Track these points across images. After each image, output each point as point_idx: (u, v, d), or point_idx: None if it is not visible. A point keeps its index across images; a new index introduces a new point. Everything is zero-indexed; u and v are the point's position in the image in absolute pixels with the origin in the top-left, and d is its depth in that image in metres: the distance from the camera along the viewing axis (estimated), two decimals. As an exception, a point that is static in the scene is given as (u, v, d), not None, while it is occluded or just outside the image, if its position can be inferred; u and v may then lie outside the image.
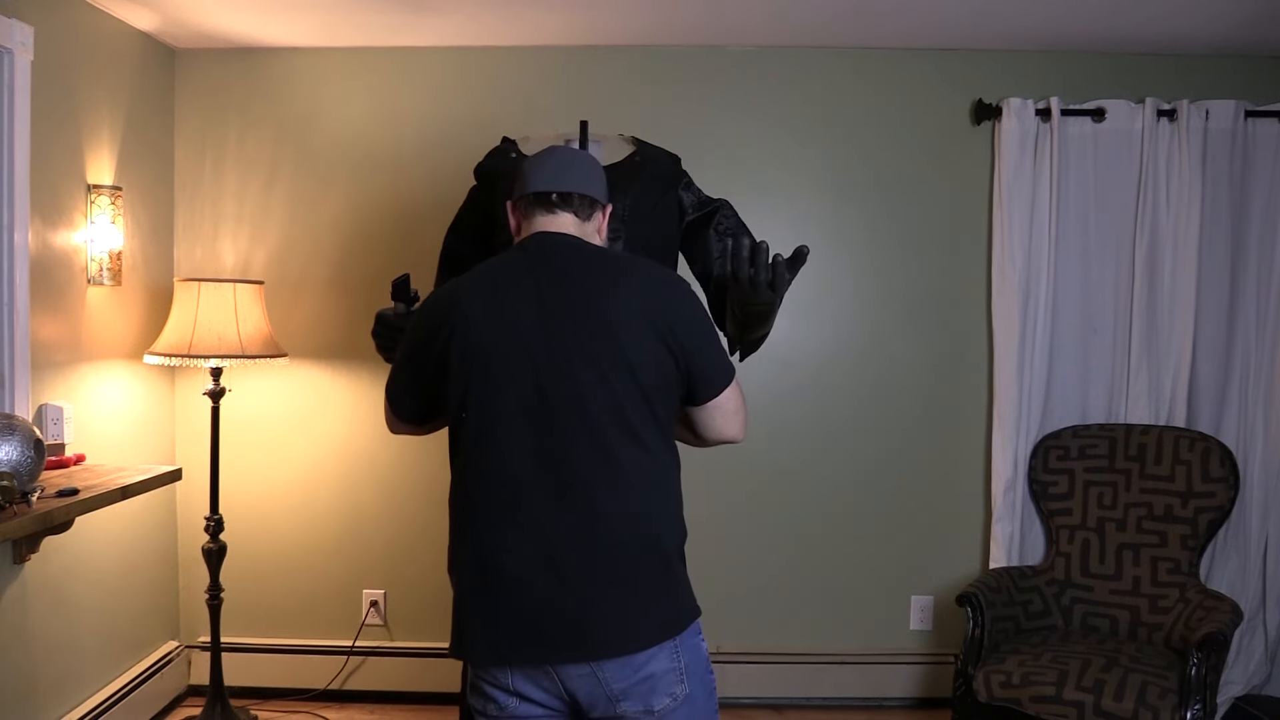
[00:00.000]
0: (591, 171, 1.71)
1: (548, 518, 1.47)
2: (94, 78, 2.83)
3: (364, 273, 3.28)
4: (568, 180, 1.67)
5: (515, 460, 1.50)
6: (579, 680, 1.48)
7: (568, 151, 1.73)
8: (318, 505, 3.35)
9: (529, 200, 1.67)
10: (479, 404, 1.52)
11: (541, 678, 1.50)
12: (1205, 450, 2.99)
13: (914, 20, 2.97)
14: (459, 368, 1.53)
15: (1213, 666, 2.52)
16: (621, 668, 1.46)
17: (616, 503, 1.48)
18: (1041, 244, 3.16)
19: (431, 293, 1.68)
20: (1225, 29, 2.97)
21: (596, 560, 1.47)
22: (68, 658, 2.75)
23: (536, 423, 1.49)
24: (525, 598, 1.47)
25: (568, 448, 1.48)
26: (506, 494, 1.50)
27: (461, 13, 2.92)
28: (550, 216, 1.66)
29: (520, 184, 1.69)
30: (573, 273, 1.56)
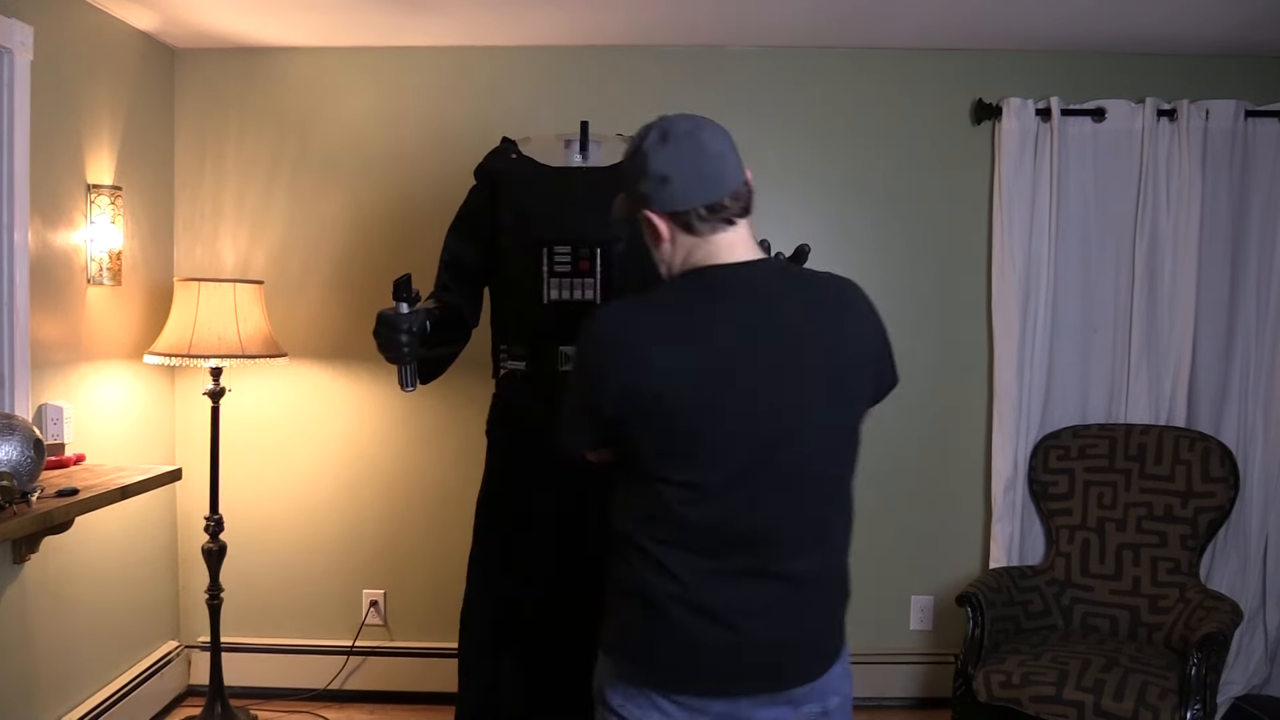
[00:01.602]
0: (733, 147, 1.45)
1: (779, 565, 1.44)
2: (94, 78, 2.83)
3: (364, 272, 3.28)
4: (726, 176, 1.43)
5: (727, 515, 1.41)
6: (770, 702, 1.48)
7: (700, 129, 1.43)
8: (318, 505, 3.35)
9: (700, 215, 1.41)
10: (699, 466, 1.39)
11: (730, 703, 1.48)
12: (1205, 450, 2.99)
13: (914, 20, 2.97)
14: (666, 435, 1.39)
15: (1213, 666, 2.52)
16: (809, 686, 1.49)
17: (835, 550, 1.52)
18: (1041, 244, 3.16)
19: (600, 336, 1.43)
20: (1225, 29, 2.97)
21: (817, 600, 1.49)
22: (68, 658, 2.75)
23: (759, 476, 1.40)
24: (756, 633, 1.44)
25: (792, 506, 1.43)
26: (736, 542, 1.42)
27: (462, 12, 2.92)
28: (730, 232, 1.44)
29: (669, 187, 1.41)
30: (795, 314, 1.41)
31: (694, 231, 1.43)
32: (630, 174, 1.46)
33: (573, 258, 2.17)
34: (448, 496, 3.27)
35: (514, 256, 2.20)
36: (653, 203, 1.43)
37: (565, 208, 2.19)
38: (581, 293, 2.17)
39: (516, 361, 2.22)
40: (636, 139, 1.46)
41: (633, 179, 1.46)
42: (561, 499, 2.26)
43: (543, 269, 2.17)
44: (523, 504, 2.26)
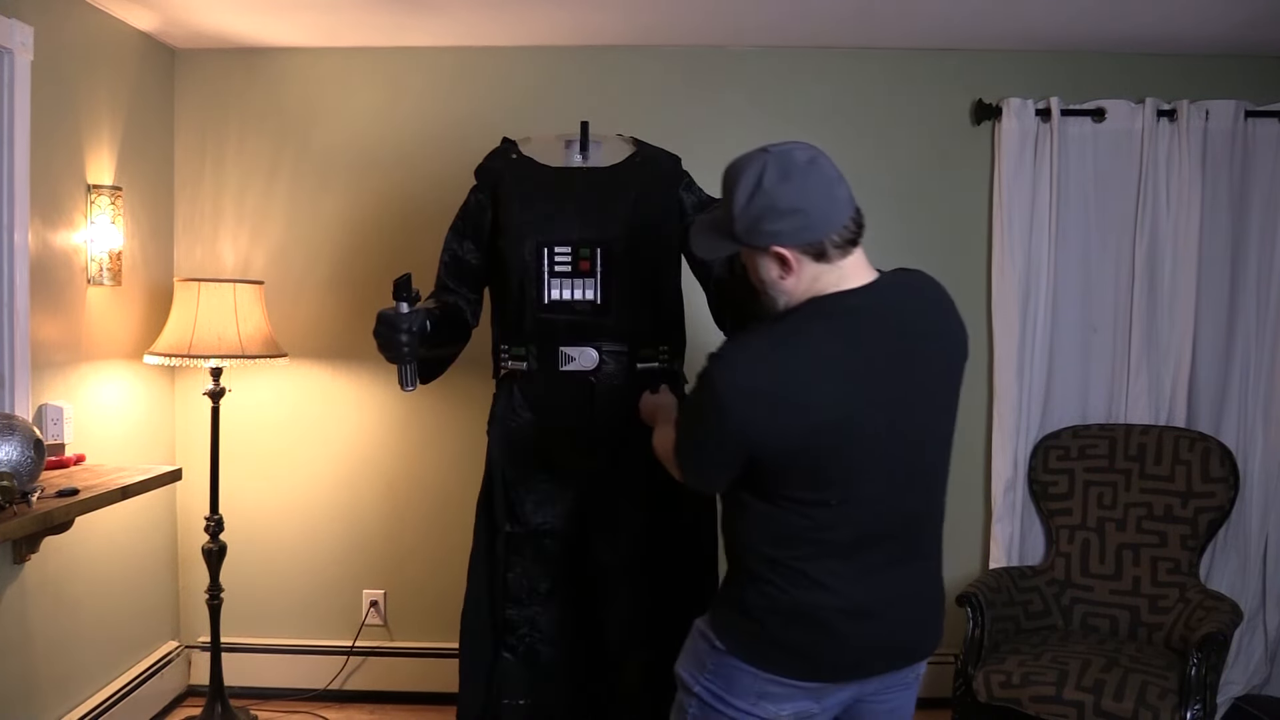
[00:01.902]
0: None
1: (911, 552, 1.57)
2: (94, 78, 2.83)
3: (364, 272, 3.27)
4: (848, 197, 1.48)
5: (872, 520, 1.50)
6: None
7: (819, 156, 1.48)
8: (318, 505, 3.35)
9: (834, 242, 1.44)
10: (838, 484, 1.46)
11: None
12: (1205, 450, 2.99)
13: (914, 20, 2.97)
14: (818, 464, 1.44)
15: (1213, 666, 2.52)
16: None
17: (937, 545, 1.65)
18: (1041, 244, 3.16)
19: (739, 368, 1.43)
20: (1225, 29, 2.97)
21: (933, 592, 1.66)
22: (68, 658, 2.75)
23: (896, 482, 1.49)
24: (899, 618, 1.58)
25: (916, 508, 1.55)
26: (870, 544, 1.52)
27: (462, 12, 2.92)
28: (855, 254, 1.48)
29: (804, 219, 1.43)
30: (919, 329, 1.49)
31: (826, 259, 1.45)
32: (749, 212, 1.45)
33: (573, 258, 2.17)
34: (448, 496, 3.27)
35: (514, 257, 2.20)
36: (784, 239, 1.44)
37: (565, 208, 2.20)
38: (582, 293, 2.17)
39: (517, 362, 2.23)
40: (749, 177, 1.45)
41: (753, 217, 1.45)
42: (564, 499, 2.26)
43: (543, 269, 2.17)
44: (525, 505, 2.26)
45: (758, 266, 1.50)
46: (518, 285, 2.20)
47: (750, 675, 1.53)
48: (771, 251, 1.45)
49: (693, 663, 1.60)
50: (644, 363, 2.20)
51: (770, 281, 1.49)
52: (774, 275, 1.48)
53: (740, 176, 1.47)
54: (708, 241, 1.58)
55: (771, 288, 1.50)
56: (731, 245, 1.52)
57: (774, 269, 1.47)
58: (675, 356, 2.29)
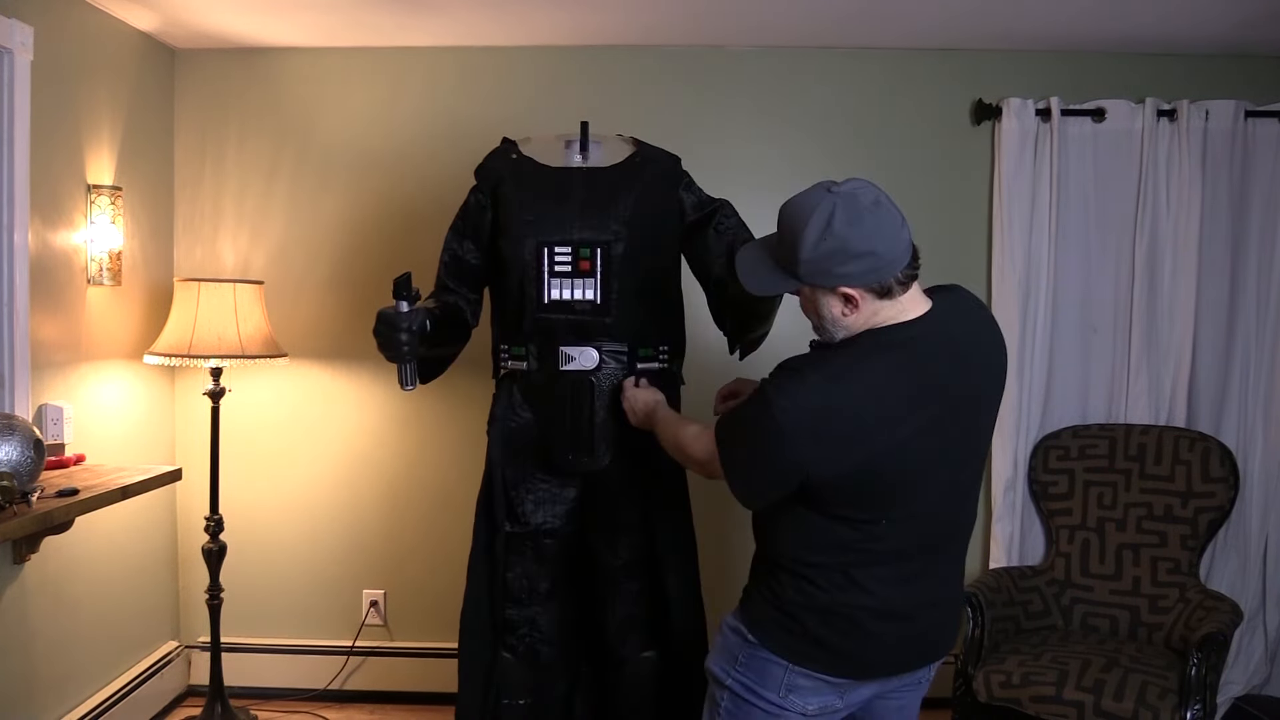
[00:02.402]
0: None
1: (946, 557, 1.64)
2: (94, 78, 2.83)
3: (364, 272, 3.27)
4: (909, 236, 1.50)
5: (918, 534, 1.56)
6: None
7: (881, 195, 1.48)
8: (318, 505, 3.35)
9: (899, 280, 1.48)
10: (890, 505, 1.52)
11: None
12: (1205, 450, 2.99)
13: (914, 20, 2.97)
14: (875, 487, 1.49)
15: (1213, 666, 2.52)
16: None
17: (965, 550, 1.69)
18: (1041, 244, 3.16)
19: (801, 395, 1.45)
20: (1225, 29, 2.97)
21: (957, 593, 1.72)
22: (68, 658, 2.75)
23: (941, 497, 1.56)
24: (929, 619, 1.63)
25: (956, 519, 1.63)
26: (911, 553, 1.57)
27: (462, 12, 2.92)
28: (914, 287, 1.52)
29: (876, 261, 1.44)
30: (968, 353, 1.55)
31: (890, 296, 1.48)
32: (817, 254, 1.45)
33: (573, 258, 2.17)
34: (448, 497, 3.27)
35: (514, 257, 2.20)
36: (853, 280, 1.45)
37: (565, 208, 2.19)
38: (582, 292, 2.17)
39: (517, 361, 2.23)
40: (817, 220, 1.44)
41: (822, 259, 1.45)
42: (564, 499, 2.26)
43: (543, 269, 2.17)
44: (522, 505, 2.26)
45: (819, 304, 1.51)
46: (518, 285, 2.20)
47: (781, 668, 1.58)
48: (839, 291, 1.47)
49: (724, 658, 1.65)
50: (644, 362, 2.20)
51: (832, 319, 1.51)
52: (837, 313, 1.50)
53: (809, 218, 1.45)
54: (763, 278, 1.58)
55: (831, 323, 1.52)
56: (792, 284, 1.53)
57: (838, 307, 1.49)
58: (675, 356, 2.29)
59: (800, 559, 1.57)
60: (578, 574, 2.30)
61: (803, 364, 1.51)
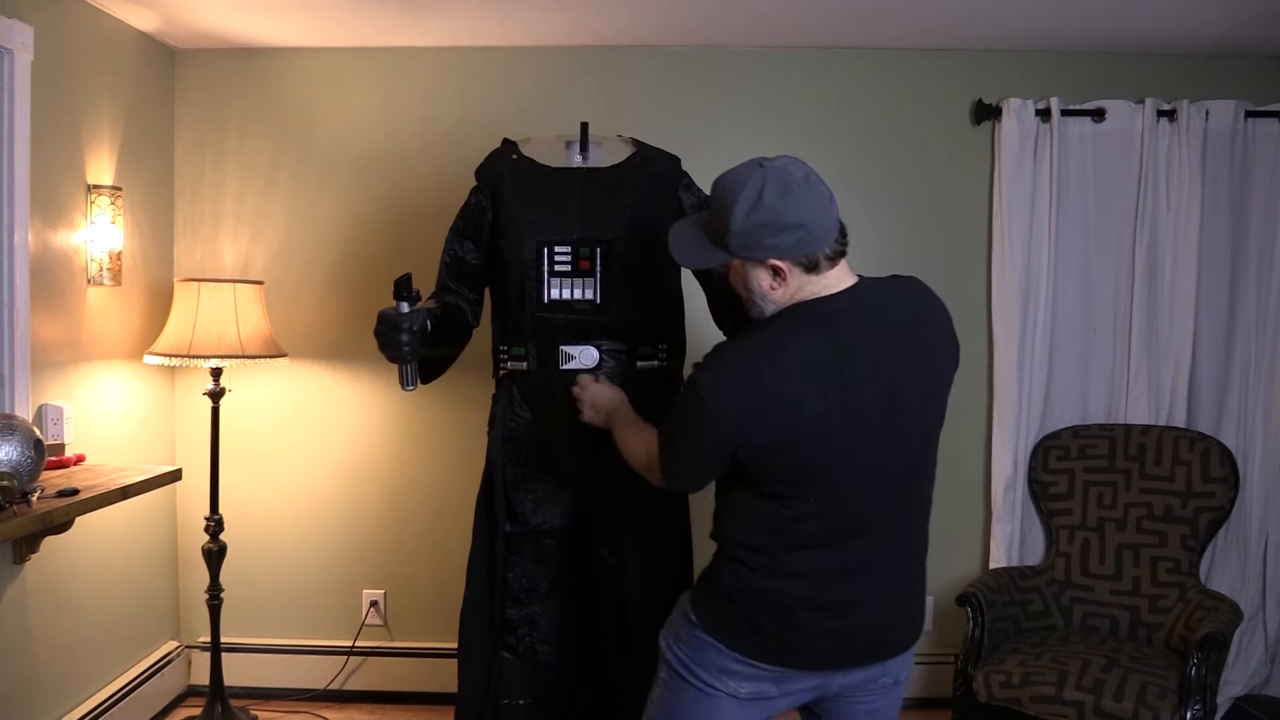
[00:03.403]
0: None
1: (890, 553, 1.61)
2: (94, 78, 2.83)
3: (364, 272, 3.27)
4: (836, 213, 1.53)
5: (852, 514, 1.55)
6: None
7: (811, 172, 1.52)
8: (318, 505, 3.35)
9: (827, 255, 1.50)
10: (820, 480, 1.52)
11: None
12: (1205, 450, 2.99)
13: (914, 20, 2.97)
14: (801, 461, 1.49)
15: (1213, 666, 2.52)
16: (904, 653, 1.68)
17: (925, 534, 1.68)
18: (1041, 244, 3.16)
19: (726, 370, 1.49)
20: (1225, 29, 2.97)
21: (910, 589, 1.67)
22: (68, 658, 2.75)
23: (874, 481, 1.54)
24: (870, 617, 1.60)
25: (897, 504, 1.59)
26: (845, 541, 1.56)
27: (462, 12, 2.92)
28: (841, 263, 1.54)
29: (805, 234, 1.47)
30: (898, 330, 1.53)
31: (817, 270, 1.51)
32: (747, 226, 1.48)
33: (573, 258, 2.17)
34: (448, 496, 3.27)
35: (514, 257, 2.20)
36: (782, 252, 1.48)
37: (565, 208, 2.20)
38: (582, 292, 2.17)
39: (517, 361, 2.23)
40: (748, 192, 1.47)
41: (752, 230, 1.48)
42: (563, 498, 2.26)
43: (543, 269, 2.17)
44: (522, 505, 2.26)
45: (748, 277, 1.54)
46: (518, 285, 2.20)
47: (714, 650, 1.60)
48: (768, 264, 1.50)
49: (670, 633, 1.69)
50: (644, 361, 2.20)
51: (760, 291, 1.54)
52: (765, 286, 1.53)
53: (740, 190, 1.49)
54: (694, 250, 1.61)
55: (760, 297, 1.54)
56: (723, 256, 1.56)
57: (766, 280, 1.52)
58: (675, 356, 2.30)
59: (737, 540, 1.59)
60: (577, 574, 2.30)
61: (727, 343, 1.56)
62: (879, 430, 1.50)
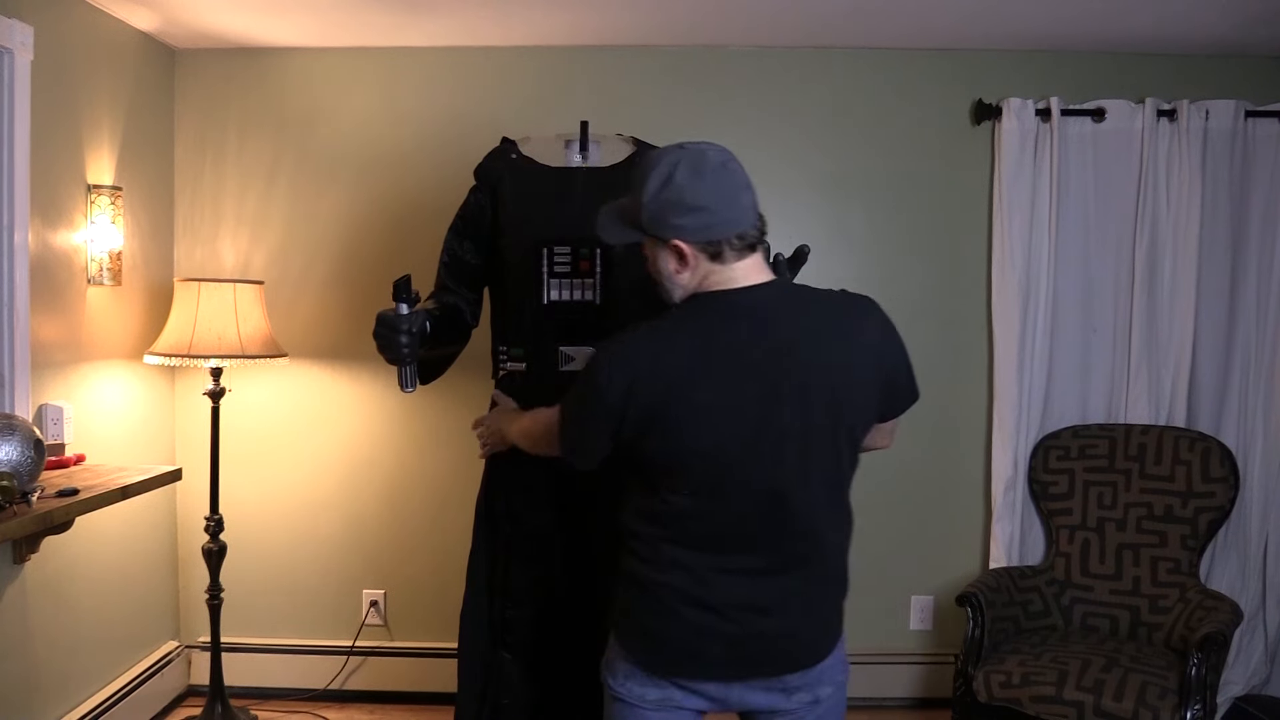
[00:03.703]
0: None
1: (780, 563, 1.52)
2: (94, 78, 2.83)
3: (364, 273, 3.28)
4: (753, 204, 1.50)
5: (730, 520, 1.50)
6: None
7: (730, 160, 1.50)
8: (318, 505, 3.35)
9: (732, 244, 1.47)
10: (703, 481, 1.47)
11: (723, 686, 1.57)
12: (1205, 450, 2.99)
13: (914, 20, 2.97)
14: (675, 448, 1.46)
15: (1213, 666, 2.52)
16: (803, 674, 1.57)
17: (833, 550, 1.58)
18: (1041, 244, 3.16)
19: (619, 352, 1.49)
20: (1225, 29, 2.97)
21: (806, 611, 1.55)
22: (68, 658, 2.75)
23: (755, 484, 1.47)
24: (759, 627, 1.52)
25: (790, 521, 1.50)
26: (730, 544, 1.51)
27: (462, 12, 2.92)
28: (750, 258, 1.49)
29: (707, 218, 1.46)
30: (797, 334, 1.46)
31: (721, 259, 1.48)
32: (656, 204, 1.48)
33: (573, 258, 2.17)
34: (448, 496, 3.27)
35: (514, 257, 2.20)
36: (687, 234, 1.47)
37: (565, 208, 2.19)
38: (581, 293, 2.17)
39: (516, 362, 2.22)
40: (660, 170, 1.48)
41: (659, 209, 1.48)
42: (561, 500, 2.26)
43: (543, 269, 2.17)
44: (521, 506, 2.26)
45: (657, 258, 1.54)
46: (517, 285, 2.19)
47: (616, 651, 1.61)
48: (672, 245, 1.49)
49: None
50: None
51: (666, 274, 1.53)
52: (670, 269, 1.52)
53: (654, 168, 1.50)
54: (614, 227, 1.61)
55: (667, 280, 1.54)
56: (636, 234, 1.56)
57: (672, 262, 1.51)
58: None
59: (630, 529, 1.57)
60: (577, 574, 2.30)
61: (629, 329, 1.54)
62: (753, 437, 1.44)
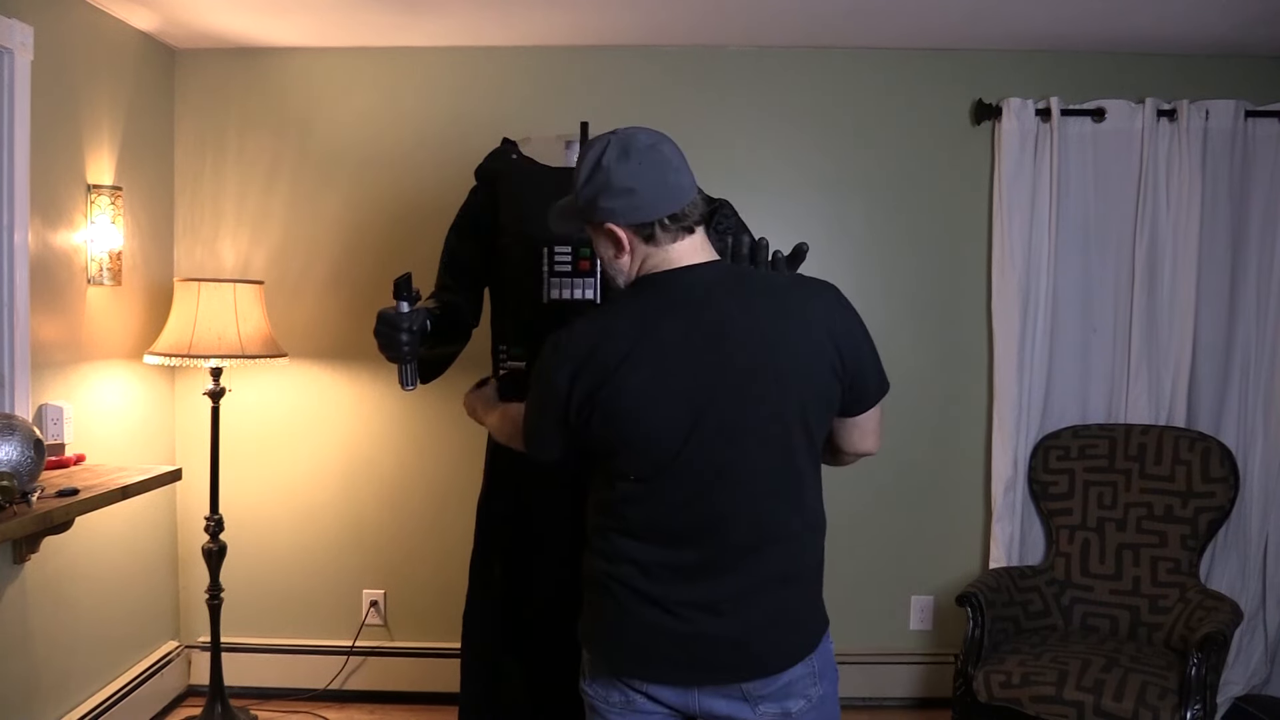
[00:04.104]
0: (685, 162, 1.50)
1: (732, 561, 1.47)
2: (94, 78, 2.83)
3: (364, 272, 3.28)
4: (686, 185, 1.48)
5: (674, 513, 1.47)
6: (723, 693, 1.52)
7: (661, 143, 1.48)
8: (318, 505, 3.35)
9: (663, 225, 1.46)
10: (645, 466, 1.46)
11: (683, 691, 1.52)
12: (1205, 450, 2.99)
13: (914, 20, 2.97)
14: (615, 431, 1.44)
15: (1213, 666, 2.52)
16: (765, 682, 1.49)
17: (797, 550, 1.50)
18: (1041, 244, 3.16)
19: (560, 347, 1.48)
20: (1225, 29, 2.97)
21: (775, 599, 1.49)
22: (68, 658, 2.75)
23: (698, 473, 1.44)
24: (709, 627, 1.48)
25: (736, 517, 1.46)
26: (679, 536, 1.48)
27: (462, 12, 2.92)
28: (688, 240, 1.48)
29: (635, 200, 1.44)
30: (737, 314, 1.43)
31: (655, 241, 1.47)
32: (589, 189, 1.48)
33: (573, 258, 2.17)
34: (448, 496, 3.27)
35: (514, 257, 2.20)
36: (617, 216, 1.47)
37: (565, 208, 2.20)
38: (582, 292, 2.17)
39: (516, 361, 2.23)
40: (592, 155, 1.48)
41: (592, 194, 1.48)
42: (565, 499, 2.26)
43: (543, 269, 2.17)
44: (523, 505, 2.26)
45: (597, 244, 1.54)
46: (517, 285, 2.20)
47: (584, 653, 1.61)
48: (606, 229, 1.49)
49: None
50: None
51: (607, 260, 1.54)
52: (609, 254, 1.52)
53: (586, 154, 1.50)
54: (561, 218, 1.62)
55: (609, 266, 1.54)
56: (578, 221, 1.56)
57: (609, 247, 1.51)
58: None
59: (590, 522, 1.58)
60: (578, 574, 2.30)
61: (580, 315, 1.55)
62: (692, 420, 1.41)
